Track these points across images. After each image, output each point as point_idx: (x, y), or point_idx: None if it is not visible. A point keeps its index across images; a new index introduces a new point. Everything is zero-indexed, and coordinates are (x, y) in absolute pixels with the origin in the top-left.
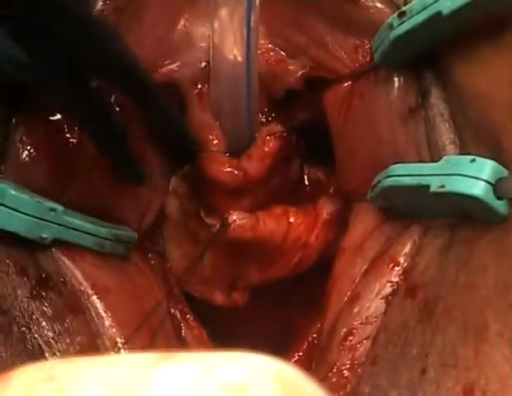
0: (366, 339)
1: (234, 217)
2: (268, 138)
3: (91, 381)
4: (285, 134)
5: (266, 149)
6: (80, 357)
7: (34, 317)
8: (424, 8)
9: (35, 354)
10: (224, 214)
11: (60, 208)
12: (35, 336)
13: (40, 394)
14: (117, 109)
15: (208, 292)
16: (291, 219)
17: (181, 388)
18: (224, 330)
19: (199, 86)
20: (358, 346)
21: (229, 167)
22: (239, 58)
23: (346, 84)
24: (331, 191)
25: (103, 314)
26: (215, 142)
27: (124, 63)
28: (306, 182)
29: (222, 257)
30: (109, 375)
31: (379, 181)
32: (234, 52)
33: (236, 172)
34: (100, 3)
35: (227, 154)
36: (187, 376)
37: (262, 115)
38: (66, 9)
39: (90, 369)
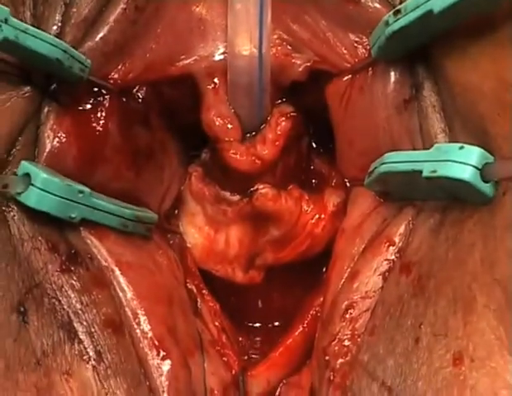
0: (365, 312)
1: (259, 187)
2: (280, 119)
3: None
4: (295, 114)
5: (279, 132)
6: None
7: (63, 289)
8: (417, 7)
9: (64, 323)
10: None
11: (88, 190)
12: (65, 307)
13: None
14: (139, 100)
15: (231, 270)
16: (304, 206)
17: None
18: (235, 304)
19: (214, 79)
20: (358, 318)
21: (247, 156)
22: (255, 51)
23: (346, 78)
24: (333, 184)
25: (126, 288)
26: (232, 131)
27: None
28: (313, 174)
29: (246, 230)
30: None
31: (375, 168)
32: (248, 46)
33: (254, 159)
34: (122, 2)
35: (244, 137)
36: None
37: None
38: None
39: None
